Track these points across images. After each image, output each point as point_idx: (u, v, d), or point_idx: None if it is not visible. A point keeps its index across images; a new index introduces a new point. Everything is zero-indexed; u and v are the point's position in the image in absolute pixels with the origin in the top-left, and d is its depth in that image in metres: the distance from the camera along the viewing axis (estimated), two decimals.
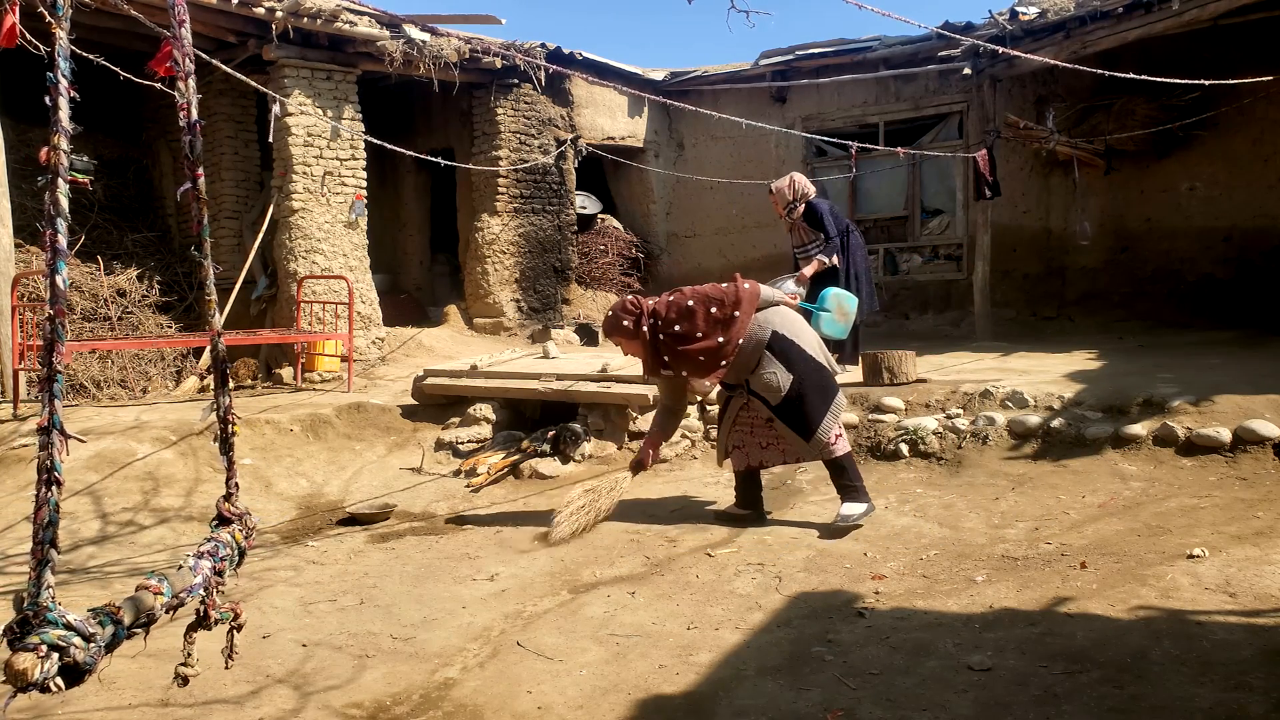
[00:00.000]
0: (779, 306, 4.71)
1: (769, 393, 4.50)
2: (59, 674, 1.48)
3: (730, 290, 4.57)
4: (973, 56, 9.09)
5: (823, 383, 4.57)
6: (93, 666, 1.51)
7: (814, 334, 4.79)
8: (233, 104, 9.08)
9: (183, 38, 2.02)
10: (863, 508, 4.52)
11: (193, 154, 2.06)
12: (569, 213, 10.93)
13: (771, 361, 4.50)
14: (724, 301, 4.53)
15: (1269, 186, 8.90)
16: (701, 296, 4.57)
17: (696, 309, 4.53)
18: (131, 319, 8.44)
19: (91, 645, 1.51)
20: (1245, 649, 2.89)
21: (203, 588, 1.96)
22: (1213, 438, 4.85)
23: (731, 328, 4.49)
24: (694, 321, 4.52)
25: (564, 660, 3.22)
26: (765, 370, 4.50)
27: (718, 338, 4.49)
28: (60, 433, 1.57)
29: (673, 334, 4.53)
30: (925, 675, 2.90)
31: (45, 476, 1.55)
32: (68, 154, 1.62)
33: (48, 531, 1.53)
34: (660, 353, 4.58)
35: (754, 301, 4.56)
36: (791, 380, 4.47)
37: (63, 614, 1.50)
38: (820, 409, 4.50)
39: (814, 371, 4.55)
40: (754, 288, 4.60)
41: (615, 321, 4.65)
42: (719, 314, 4.51)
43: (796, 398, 4.48)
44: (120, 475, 5.42)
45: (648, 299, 4.72)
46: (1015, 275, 10.18)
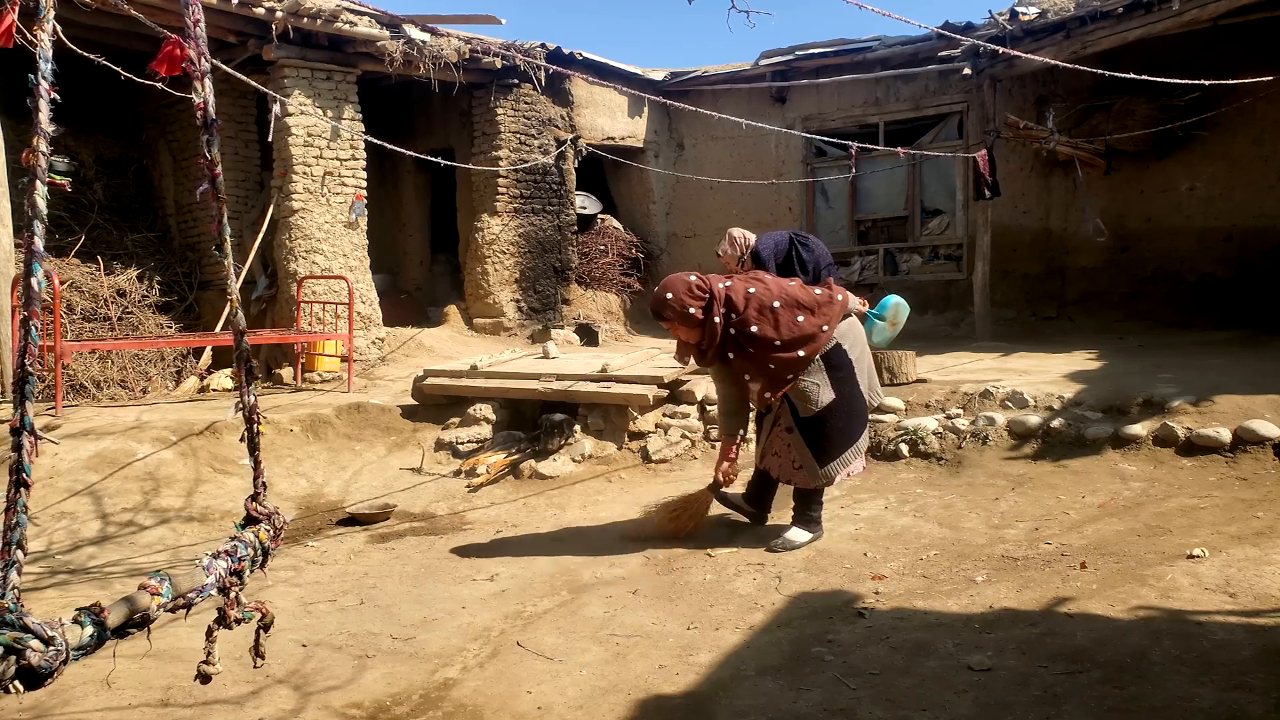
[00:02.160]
0: (852, 320, 4.31)
1: (802, 401, 4.11)
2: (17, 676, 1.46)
3: (824, 297, 4.11)
4: (973, 56, 9.10)
5: (859, 413, 4.23)
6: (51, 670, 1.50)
7: (870, 359, 4.42)
8: (233, 104, 9.08)
9: (198, 37, 2.03)
10: (807, 537, 4.26)
11: (210, 153, 2.07)
12: (569, 213, 10.93)
13: (820, 372, 4.09)
14: (814, 310, 4.05)
15: (1269, 186, 8.91)
16: (790, 299, 4.04)
17: (782, 313, 4.01)
18: (131, 319, 8.44)
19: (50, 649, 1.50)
20: (1245, 649, 2.89)
21: (215, 588, 1.95)
22: (1213, 438, 4.85)
23: (815, 341, 4.02)
24: (776, 326, 4.00)
25: (564, 660, 3.22)
26: (809, 378, 4.09)
27: (798, 351, 4.00)
28: (31, 434, 1.56)
29: (747, 334, 4.00)
30: (925, 675, 2.90)
31: (16, 478, 1.55)
32: (47, 155, 1.62)
33: (14, 533, 1.53)
34: (726, 348, 4.05)
35: (841, 314, 4.15)
36: (832, 399, 4.10)
37: (21, 616, 1.49)
38: (847, 439, 4.17)
39: (857, 399, 4.20)
40: (845, 299, 4.19)
41: (678, 304, 3.98)
42: (806, 324, 4.01)
43: (829, 418, 4.12)
44: (120, 475, 5.42)
45: (717, 279, 4.09)
46: (1015, 275, 10.18)
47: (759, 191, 11.11)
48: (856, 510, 4.82)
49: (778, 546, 4.22)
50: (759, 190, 11.05)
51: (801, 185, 11.35)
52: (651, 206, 12.25)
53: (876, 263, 11.15)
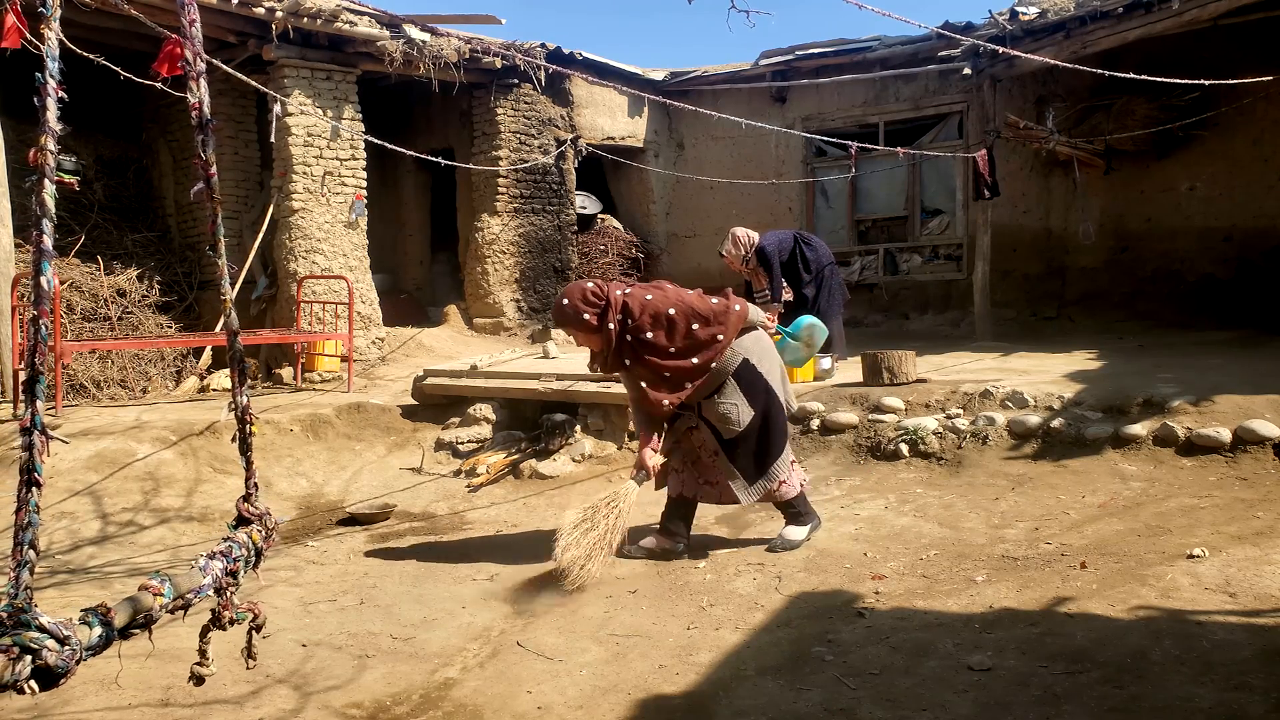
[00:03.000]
0: (757, 331, 4.29)
1: (723, 424, 4.09)
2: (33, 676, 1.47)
3: (720, 307, 4.07)
4: (973, 56, 9.09)
5: (782, 424, 4.23)
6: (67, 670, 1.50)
7: (781, 368, 4.40)
8: (233, 104, 9.09)
9: (194, 37, 2.02)
10: (804, 531, 4.27)
11: (206, 153, 2.06)
12: (569, 213, 10.93)
13: (735, 391, 4.08)
14: (710, 319, 4.02)
15: (1269, 186, 8.91)
16: (686, 308, 4.01)
17: (677, 321, 3.99)
18: (131, 319, 8.44)
19: (65, 648, 1.50)
20: (1245, 649, 2.89)
21: (212, 588, 1.95)
22: (1213, 438, 4.85)
23: (711, 350, 4.01)
24: (671, 334, 3.98)
25: (564, 660, 3.22)
26: (725, 400, 4.08)
27: (693, 359, 4.00)
28: (43, 433, 1.56)
29: (641, 340, 3.98)
30: (925, 675, 2.90)
31: (26, 477, 1.54)
32: (55, 155, 1.62)
33: (27, 533, 1.53)
34: (622, 354, 4.04)
35: (740, 324, 4.11)
36: (753, 416, 4.09)
37: (37, 616, 1.49)
38: (774, 453, 4.15)
39: (777, 412, 4.19)
40: (744, 309, 4.16)
41: (573, 312, 3.97)
42: (701, 332, 4.00)
43: (752, 436, 4.11)
44: (120, 475, 5.42)
45: (615, 286, 4.07)
46: (1015, 275, 10.18)
47: (759, 191, 11.11)
48: (856, 510, 4.82)
49: (777, 546, 4.22)
50: (759, 190, 11.05)
51: (801, 185, 11.35)
52: (651, 206, 12.25)
53: (876, 263, 11.15)
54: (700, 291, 4.17)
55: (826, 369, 6.88)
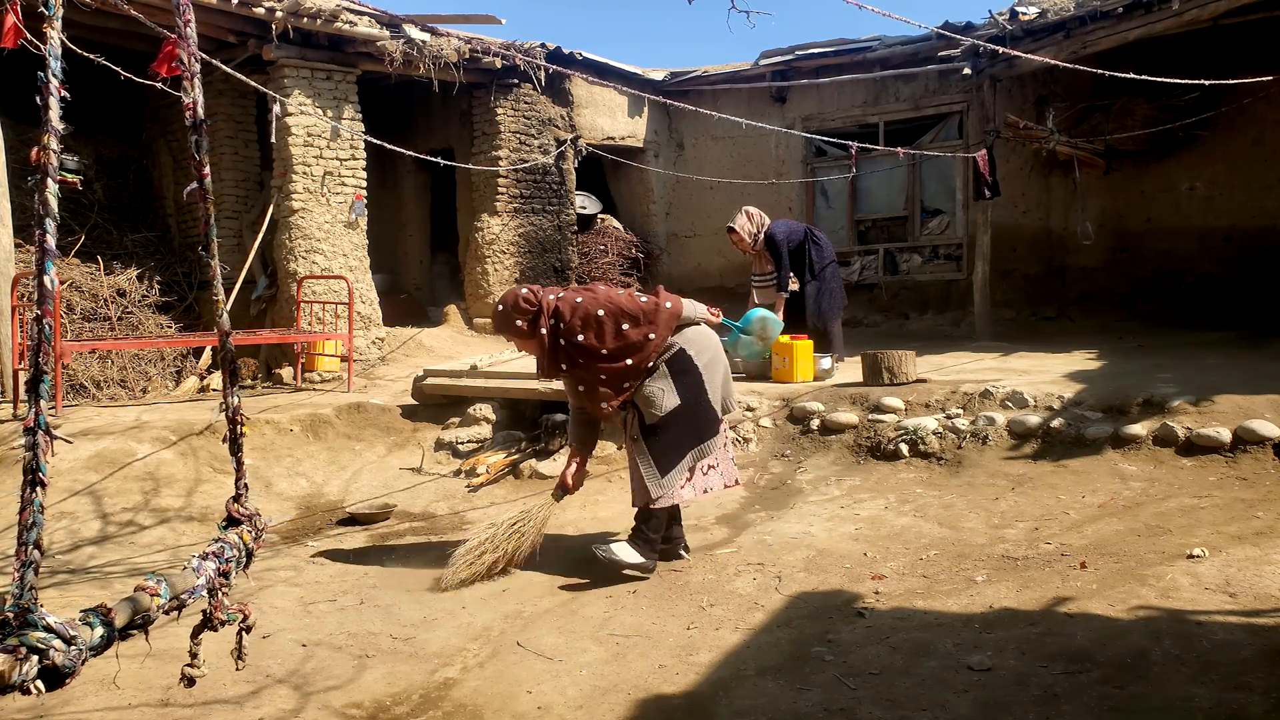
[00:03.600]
0: (699, 326, 4.20)
1: (646, 406, 4.00)
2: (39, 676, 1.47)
3: (649, 305, 4.00)
4: (973, 56, 9.09)
5: (704, 422, 4.07)
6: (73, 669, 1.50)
7: (724, 368, 4.24)
8: (233, 104, 9.09)
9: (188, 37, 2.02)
10: (638, 559, 3.97)
11: (199, 153, 2.06)
12: (569, 213, 10.93)
13: (664, 377, 4.01)
14: (639, 319, 3.96)
15: (1269, 186, 8.91)
16: (614, 308, 3.97)
17: (606, 322, 3.94)
18: (131, 319, 8.44)
19: (72, 648, 1.50)
20: (1245, 649, 2.89)
21: (206, 589, 1.95)
22: (1213, 438, 4.85)
23: (643, 350, 3.95)
24: (601, 336, 3.94)
25: (564, 660, 3.22)
26: (654, 384, 4.00)
27: (626, 360, 3.95)
28: (46, 433, 1.56)
29: (575, 344, 3.96)
30: (925, 675, 2.90)
31: (30, 477, 1.55)
32: (58, 154, 1.62)
33: (31, 533, 1.53)
34: (558, 359, 4.02)
35: (673, 322, 4.04)
36: (677, 405, 3.98)
37: (43, 616, 1.49)
38: (686, 448, 4.02)
39: (703, 406, 4.06)
40: (676, 306, 4.06)
41: (506, 317, 3.99)
42: (631, 333, 3.94)
43: (672, 425, 3.98)
44: (120, 475, 5.42)
45: (548, 291, 4.07)
46: (1015, 275, 10.18)
47: (759, 191, 11.10)
48: (856, 510, 4.82)
49: (603, 551, 4.00)
50: (759, 190, 11.05)
51: (801, 185, 11.35)
52: (651, 206, 12.25)
53: (876, 263, 11.15)
54: (632, 291, 4.16)
55: (826, 369, 6.88)
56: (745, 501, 5.22)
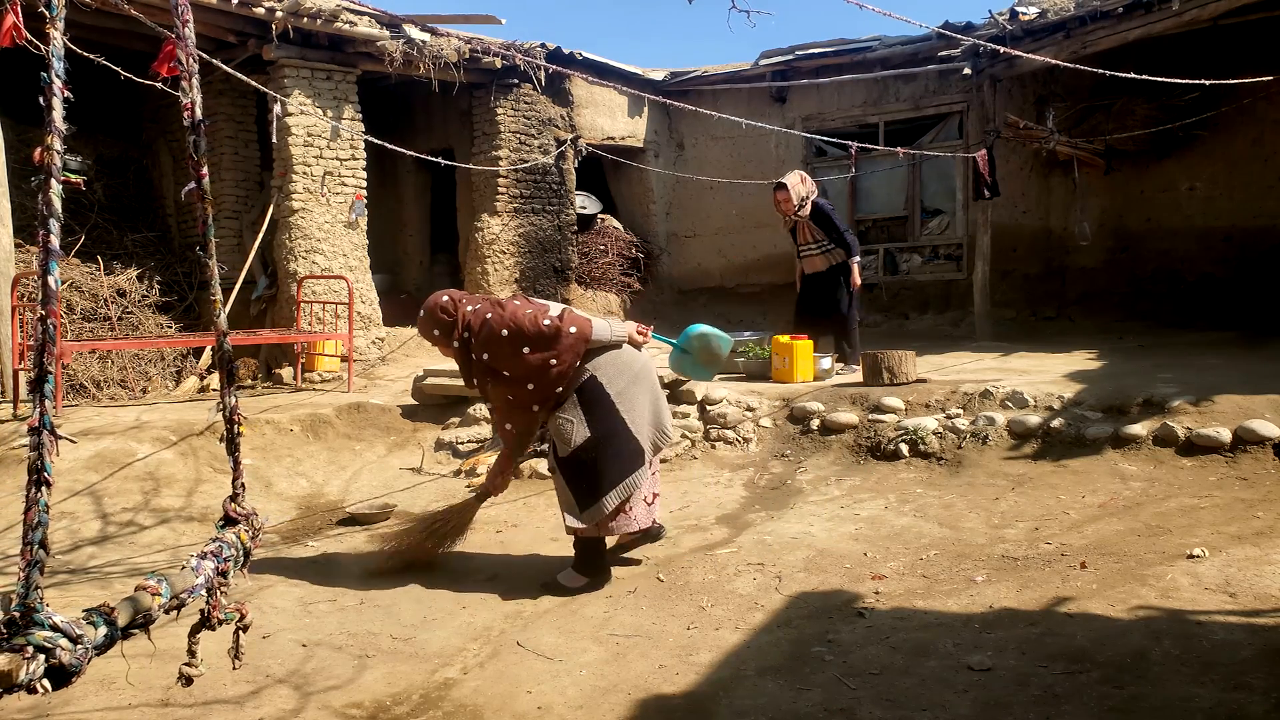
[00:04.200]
0: (620, 350, 3.97)
1: (559, 440, 3.88)
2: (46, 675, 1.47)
3: (551, 329, 3.77)
4: (973, 56, 9.10)
5: (624, 452, 3.86)
6: (79, 668, 1.51)
7: (647, 391, 4.01)
8: (233, 104, 9.09)
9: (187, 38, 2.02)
10: (583, 582, 3.92)
11: (197, 154, 2.06)
12: (569, 213, 10.93)
13: (574, 408, 3.84)
14: (539, 342, 3.76)
15: (1269, 186, 8.91)
16: (516, 330, 3.77)
17: (506, 344, 3.77)
18: (131, 319, 8.44)
19: (78, 647, 1.51)
20: (1245, 649, 2.89)
21: (205, 588, 1.95)
22: (1213, 438, 4.85)
23: (544, 376, 3.78)
24: (501, 358, 3.79)
25: (564, 660, 3.22)
26: (563, 415, 3.86)
27: (528, 384, 3.79)
28: (51, 433, 1.56)
29: (481, 361, 3.84)
30: (925, 675, 2.90)
31: (35, 477, 1.55)
32: (61, 154, 1.62)
33: (36, 532, 1.53)
34: (471, 373, 3.91)
35: (579, 347, 3.82)
36: (588, 438, 3.81)
37: (50, 615, 1.49)
38: (609, 483, 3.83)
39: (618, 437, 3.84)
40: (583, 330, 3.83)
41: (424, 325, 3.91)
42: (531, 357, 3.76)
43: (586, 460, 3.82)
44: (120, 475, 5.41)
45: (468, 301, 3.93)
46: (1015, 275, 10.18)
47: (759, 191, 11.09)
48: (856, 510, 4.82)
49: (552, 583, 3.95)
50: (759, 190, 11.04)
51: None
52: (651, 206, 12.25)
53: (876, 263, 11.14)
54: (543, 310, 3.87)
55: (826, 369, 6.88)
56: (745, 501, 5.22)
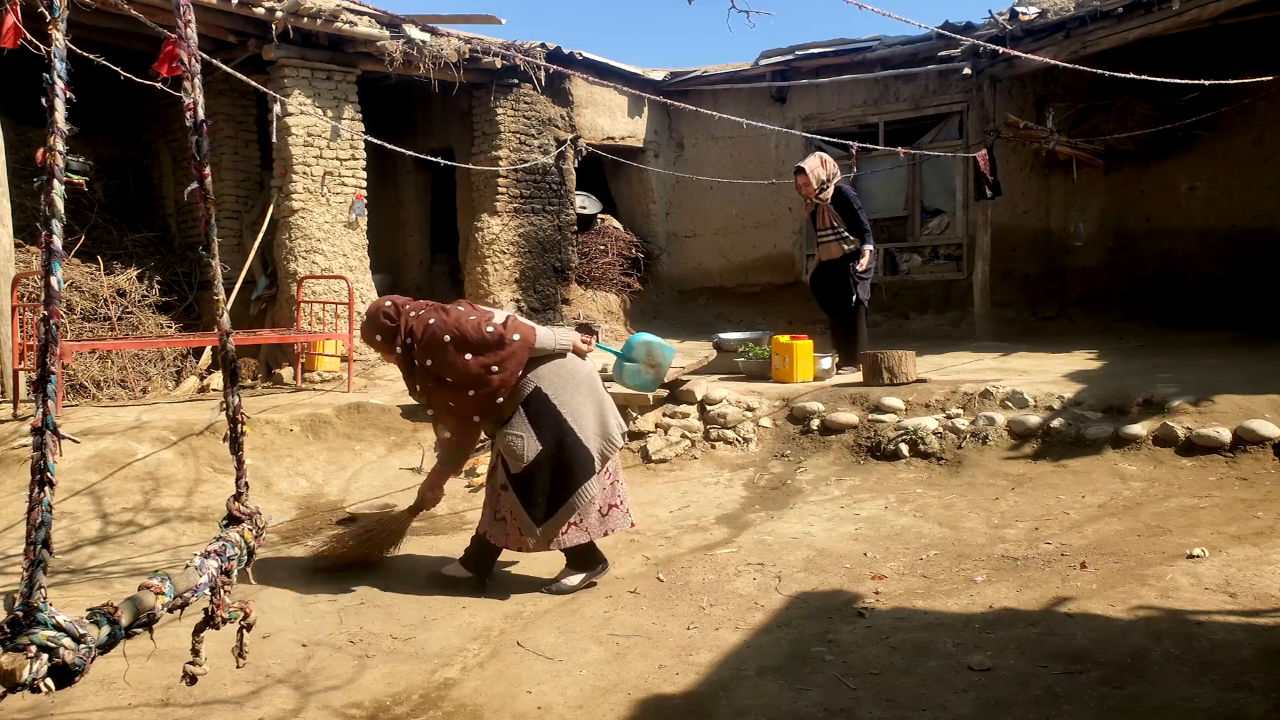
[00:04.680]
0: (564, 359, 3.93)
1: (510, 458, 3.80)
2: (49, 675, 1.47)
3: (494, 337, 3.73)
4: (973, 56, 9.10)
5: (573, 463, 3.80)
6: (83, 668, 1.51)
7: (593, 401, 3.94)
8: (233, 104, 9.09)
9: (188, 38, 2.02)
10: (580, 577, 3.94)
11: (200, 154, 2.06)
12: (569, 213, 10.93)
13: (522, 422, 3.78)
14: (482, 349, 3.71)
15: (1269, 186, 8.91)
16: (458, 336, 3.72)
17: (448, 349, 3.71)
18: (131, 319, 8.44)
19: (82, 646, 1.51)
20: (1245, 649, 2.90)
21: (208, 587, 1.95)
22: (1213, 438, 4.85)
23: (486, 384, 3.72)
24: (443, 365, 3.73)
25: (564, 660, 3.22)
26: (511, 431, 3.79)
27: (469, 391, 3.73)
28: (54, 433, 1.56)
29: (424, 368, 3.79)
30: (925, 675, 2.90)
31: (38, 477, 1.55)
32: (63, 155, 1.62)
33: (40, 532, 1.53)
34: (413, 379, 3.85)
35: (523, 355, 3.77)
36: (539, 451, 3.75)
37: (53, 615, 1.49)
38: (561, 493, 3.80)
39: (568, 448, 3.79)
40: (527, 337, 3.79)
41: (367, 330, 3.87)
42: (474, 364, 3.71)
43: (540, 474, 3.77)
44: (120, 475, 5.41)
45: (410, 307, 3.88)
46: (1015, 275, 10.18)
47: (759, 191, 11.10)
48: (856, 510, 4.82)
49: (552, 589, 3.92)
50: (759, 190, 11.05)
51: None
52: (651, 206, 12.25)
53: (877, 262, 11.13)
54: (488, 317, 3.84)
55: (826, 369, 6.88)
56: (745, 501, 5.22)
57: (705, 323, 11.53)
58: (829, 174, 7.10)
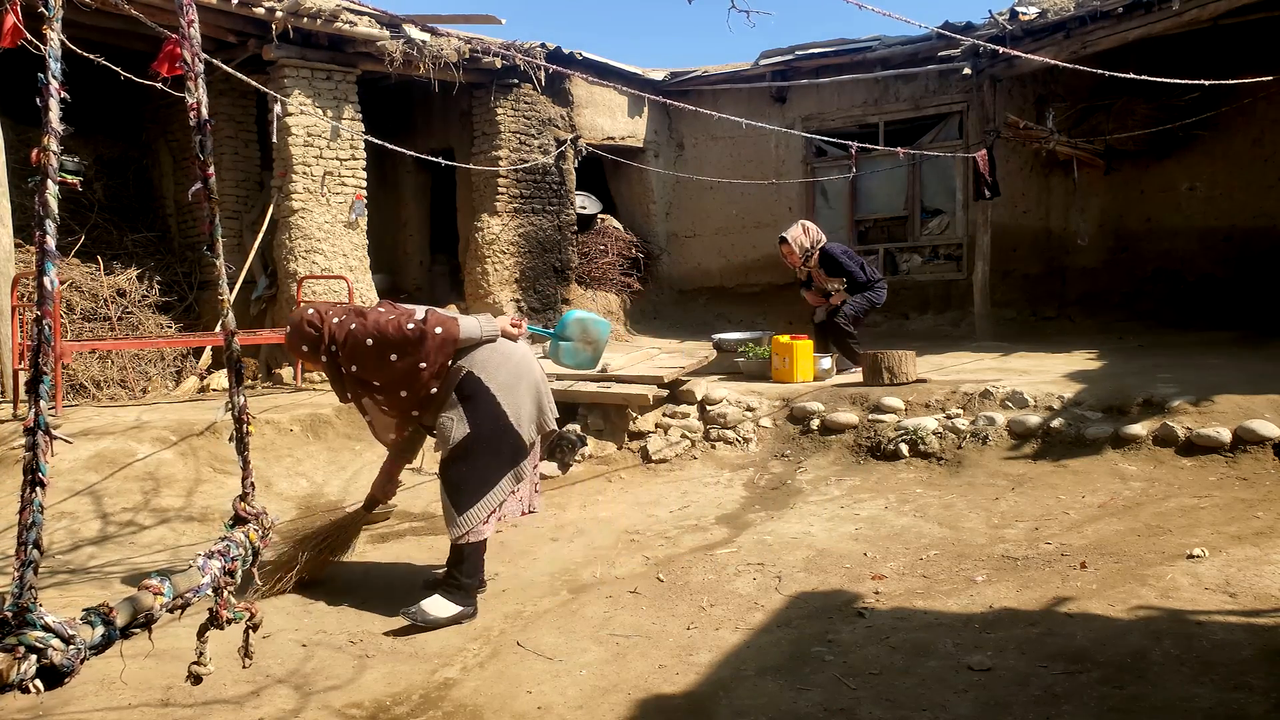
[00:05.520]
0: (496, 343, 3.83)
1: (441, 441, 3.75)
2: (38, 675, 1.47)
3: (415, 333, 3.65)
4: (973, 56, 9.10)
5: (501, 449, 3.72)
6: (72, 668, 1.51)
7: (528, 384, 3.84)
8: (233, 104, 9.09)
9: (192, 38, 2.02)
10: (454, 610, 3.64)
11: (203, 153, 2.06)
12: (569, 213, 10.93)
13: (455, 407, 3.71)
14: (403, 348, 3.64)
15: (1269, 186, 8.91)
16: (381, 338, 3.64)
17: (372, 353, 3.65)
18: (131, 319, 8.44)
19: (71, 648, 1.51)
20: (1245, 649, 2.90)
21: (211, 588, 1.95)
22: (1213, 438, 4.85)
23: (416, 380, 3.67)
24: (367, 367, 3.66)
25: (564, 660, 3.22)
26: (445, 414, 3.72)
27: (400, 392, 3.70)
28: (46, 433, 1.56)
29: (350, 373, 3.73)
30: (925, 675, 2.90)
31: (30, 477, 1.55)
32: (58, 155, 1.62)
33: (31, 532, 1.53)
34: (343, 388, 3.79)
35: (447, 349, 3.69)
36: (466, 435, 3.67)
37: (42, 615, 1.49)
38: (488, 480, 3.70)
39: (497, 434, 3.71)
40: (449, 331, 3.70)
41: (292, 341, 3.78)
42: (399, 364, 3.65)
43: (465, 456, 3.68)
44: (121, 475, 5.41)
45: (332, 313, 3.77)
46: (1015, 275, 10.18)
47: (759, 191, 11.11)
48: (856, 510, 4.82)
49: (414, 615, 3.61)
50: (759, 190, 11.05)
51: (801, 185, 11.34)
52: (651, 206, 12.25)
53: (876, 263, 11.14)
54: (408, 314, 3.74)
55: (826, 369, 6.88)
56: (745, 501, 5.22)
57: (705, 323, 11.53)
58: (812, 241, 7.10)
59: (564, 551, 4.50)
